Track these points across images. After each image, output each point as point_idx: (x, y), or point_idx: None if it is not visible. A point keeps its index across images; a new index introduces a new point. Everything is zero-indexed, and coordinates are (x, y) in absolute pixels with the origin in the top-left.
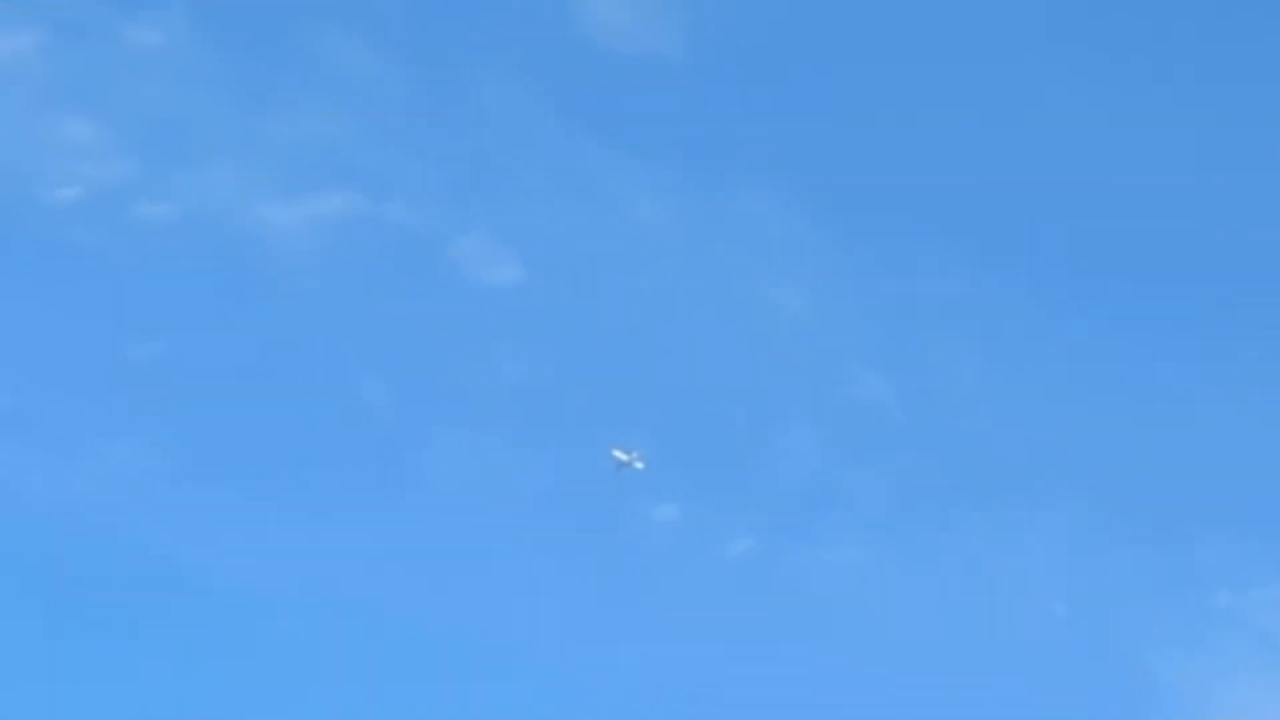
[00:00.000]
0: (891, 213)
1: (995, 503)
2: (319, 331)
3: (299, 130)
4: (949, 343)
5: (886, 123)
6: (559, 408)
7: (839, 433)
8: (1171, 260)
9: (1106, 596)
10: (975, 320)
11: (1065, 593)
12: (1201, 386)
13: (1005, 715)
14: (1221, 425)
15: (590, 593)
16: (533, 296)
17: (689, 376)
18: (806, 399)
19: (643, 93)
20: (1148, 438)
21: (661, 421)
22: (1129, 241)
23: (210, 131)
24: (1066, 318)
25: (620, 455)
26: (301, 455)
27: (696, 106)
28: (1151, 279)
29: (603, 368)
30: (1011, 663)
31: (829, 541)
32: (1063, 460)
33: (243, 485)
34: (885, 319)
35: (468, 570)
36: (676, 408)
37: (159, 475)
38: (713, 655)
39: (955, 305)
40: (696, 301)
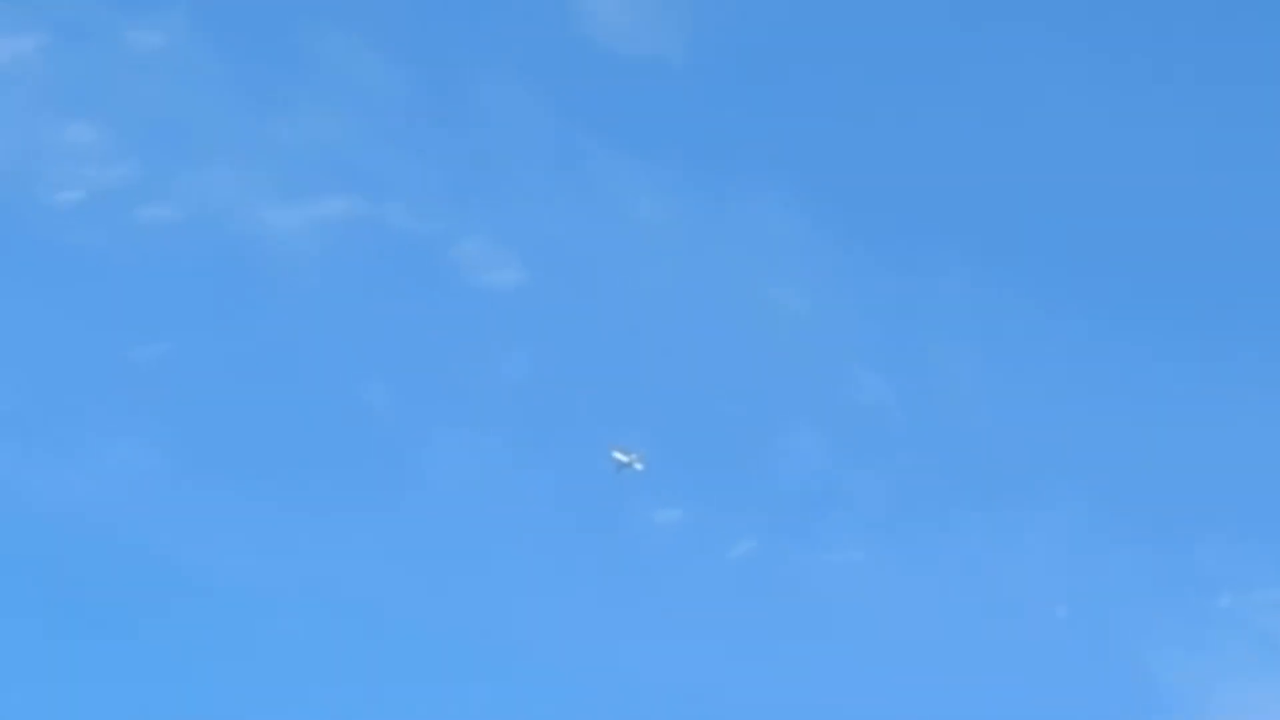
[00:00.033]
0: (892, 214)
1: (996, 504)
2: (320, 333)
3: (300, 132)
4: (950, 344)
5: (887, 124)
6: (560, 409)
7: (840, 434)
8: (1172, 261)
9: (1107, 598)
10: (976, 322)
11: (1066, 594)
12: (1202, 388)
13: (1006, 716)
14: (1222, 426)
15: (592, 594)
16: (534, 298)
17: (690, 378)
18: (808, 400)
19: (644, 94)
20: (1148, 439)
21: (663, 423)
22: (1130, 242)
23: (212, 134)
24: (1067, 319)
25: (620, 456)
26: (303, 456)
27: (697, 108)
28: (1152, 280)
29: (604, 369)
30: (1012, 664)
31: (831, 543)
32: (1064, 461)
33: (244, 486)
34: (886, 320)
35: (469, 572)
36: (678, 409)
37: (160, 476)
38: (715, 657)
39: (956, 306)
40: (698, 303)
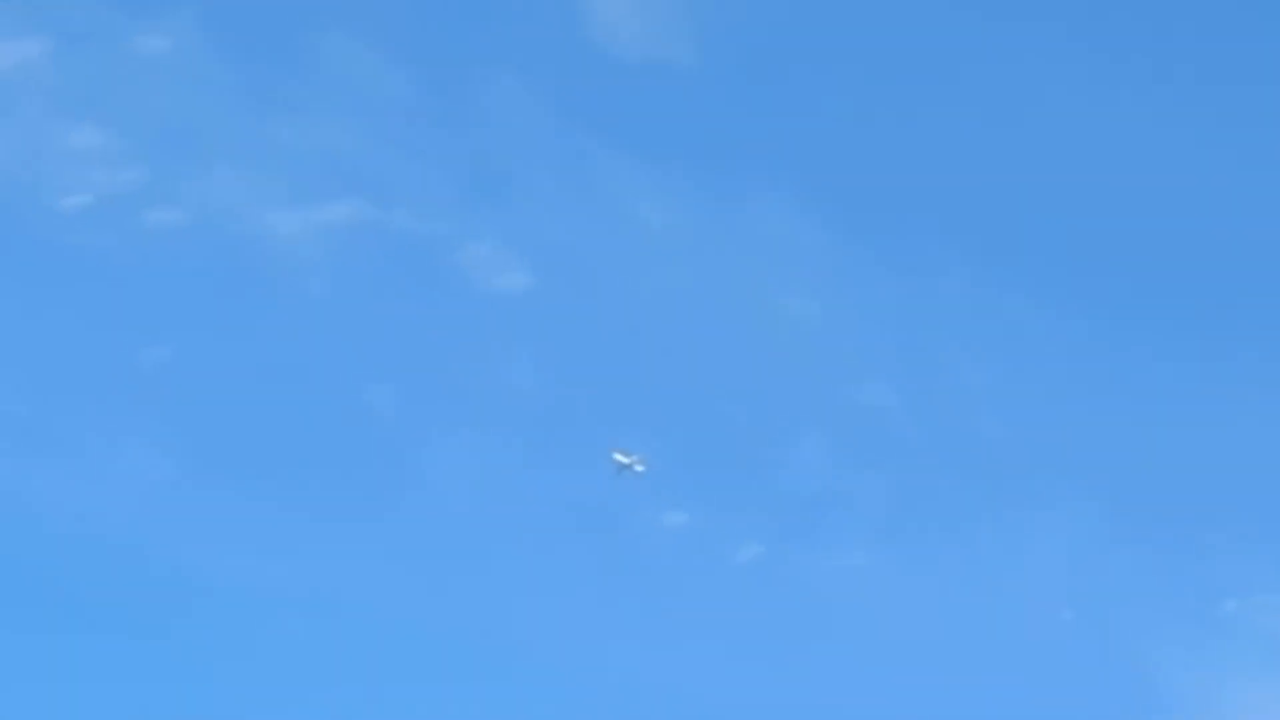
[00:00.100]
0: (900, 220)
1: (1002, 508)
2: (326, 337)
3: (307, 137)
4: (955, 350)
5: (895, 130)
6: (567, 414)
7: (846, 439)
8: (1178, 268)
9: (1112, 601)
10: (982, 327)
11: (1071, 598)
12: (1207, 393)
13: (1011, 719)
14: (1227, 431)
15: (598, 597)
16: (541, 303)
17: (696, 382)
18: (814, 405)
19: (651, 99)
20: (1153, 444)
21: (668, 427)
22: (1137, 251)
23: (218, 138)
24: (1073, 324)
25: (621, 458)
26: (308, 459)
27: (704, 113)
28: (1158, 284)
29: (610, 373)
30: (1018, 667)
31: (836, 547)
32: (1069, 466)
33: (249, 489)
34: (893, 325)
35: (475, 574)
36: (683, 413)
37: (166, 479)
38: (720, 660)
39: (962, 312)
40: (704, 308)
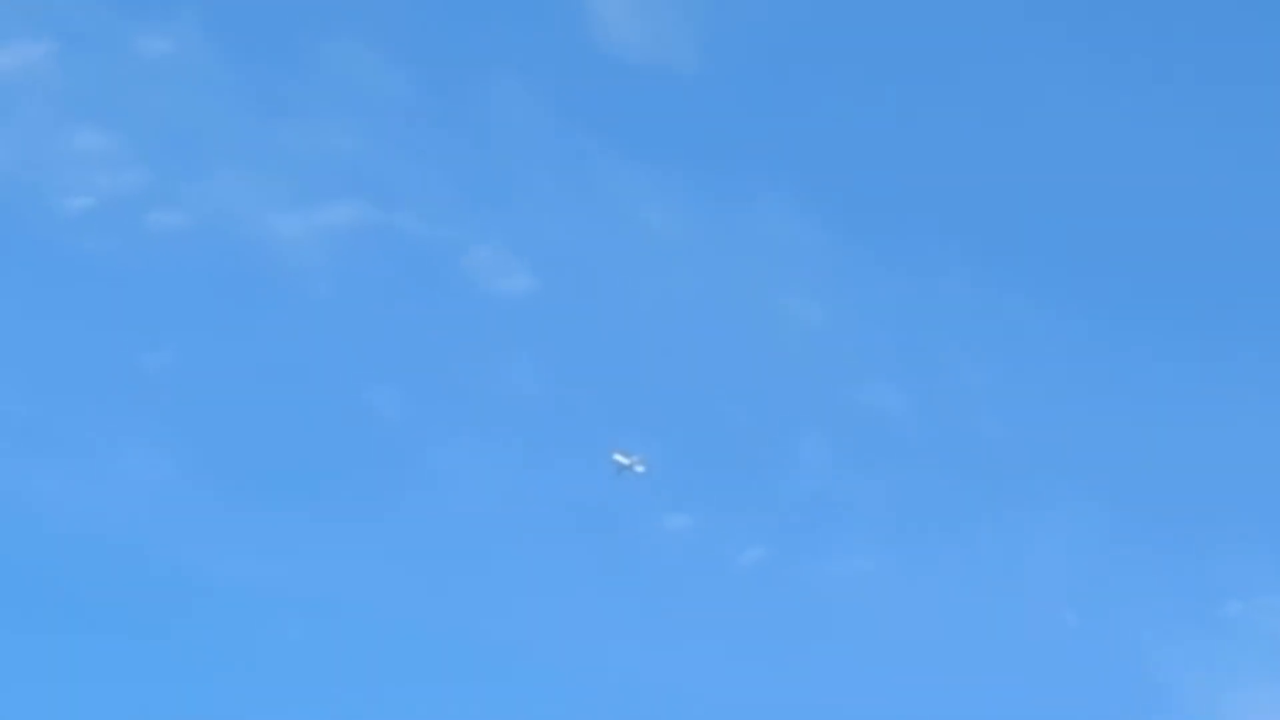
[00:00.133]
0: (901, 221)
1: (1005, 511)
2: (329, 339)
3: (310, 139)
4: (960, 353)
5: (896, 132)
6: (570, 416)
7: (850, 442)
8: (1178, 269)
9: (1116, 604)
10: (986, 330)
11: (1075, 600)
12: (1210, 396)
13: None
14: (1231, 434)
15: (601, 600)
16: (544, 305)
17: (699, 385)
18: (817, 408)
19: (655, 103)
20: (1157, 446)
21: (672, 430)
22: (1137, 251)
23: (221, 140)
24: (1077, 326)
25: (621, 459)
26: (311, 462)
27: (707, 116)
28: (1161, 288)
29: (614, 376)
30: (1021, 669)
31: (840, 550)
32: (1073, 468)
33: (252, 491)
34: (896, 328)
35: (478, 577)
36: (687, 416)
37: (169, 481)
38: (723, 663)
39: (966, 315)
40: (708, 311)
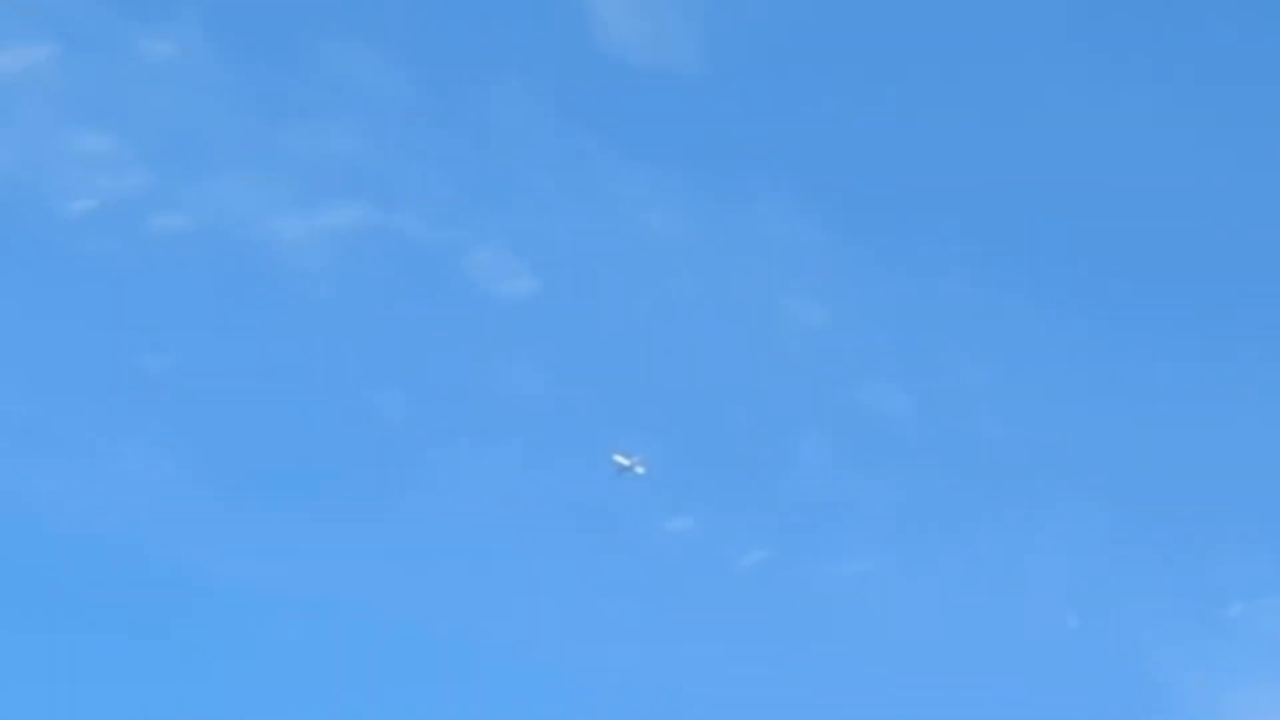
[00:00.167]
0: (904, 222)
1: (1008, 513)
2: (332, 342)
3: (313, 142)
4: (962, 353)
5: (898, 133)
6: (572, 418)
7: (852, 443)
8: (1180, 269)
9: (1118, 606)
10: (988, 330)
11: (1077, 602)
12: (1213, 398)
13: None
14: (1234, 436)
15: (603, 602)
16: (546, 307)
17: (702, 387)
18: (821, 410)
19: (657, 105)
20: (1160, 448)
21: (674, 432)
22: (1140, 252)
23: (224, 143)
24: (1080, 328)
25: (621, 460)
26: (313, 464)
27: (709, 117)
28: (1163, 289)
29: (616, 378)
30: (1023, 671)
31: (842, 552)
32: (1075, 470)
33: (255, 493)
34: (899, 330)
35: (480, 579)
36: (689, 418)
37: (172, 483)
38: (725, 665)
39: (968, 315)
40: (710, 312)
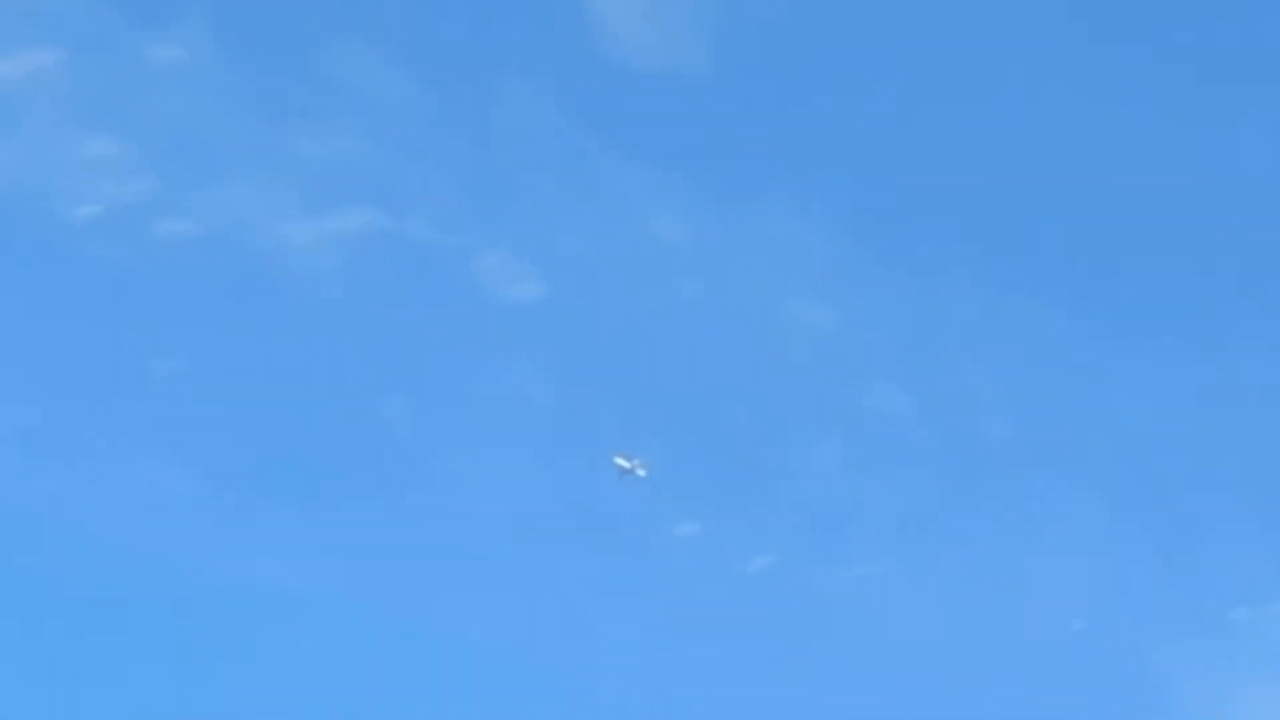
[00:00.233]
0: (911, 226)
1: (1014, 517)
2: (340, 346)
3: (320, 147)
4: (969, 356)
5: (905, 137)
6: (580, 422)
7: (860, 446)
8: (1190, 276)
9: (1124, 610)
10: (994, 335)
11: (1083, 606)
12: (1222, 406)
13: None
14: (1242, 442)
15: (610, 606)
16: (553, 311)
17: (709, 391)
18: (827, 412)
19: (663, 109)
20: (1168, 454)
21: (681, 436)
22: (1148, 259)
23: (231, 148)
24: (1086, 333)
25: (622, 462)
26: (322, 467)
27: (717, 122)
28: (1172, 296)
29: (623, 382)
30: (1029, 675)
31: (849, 556)
32: (1082, 475)
33: (263, 496)
34: (905, 332)
35: (487, 581)
36: (696, 422)
37: (180, 487)
38: (732, 669)
39: (975, 320)
40: (716, 315)
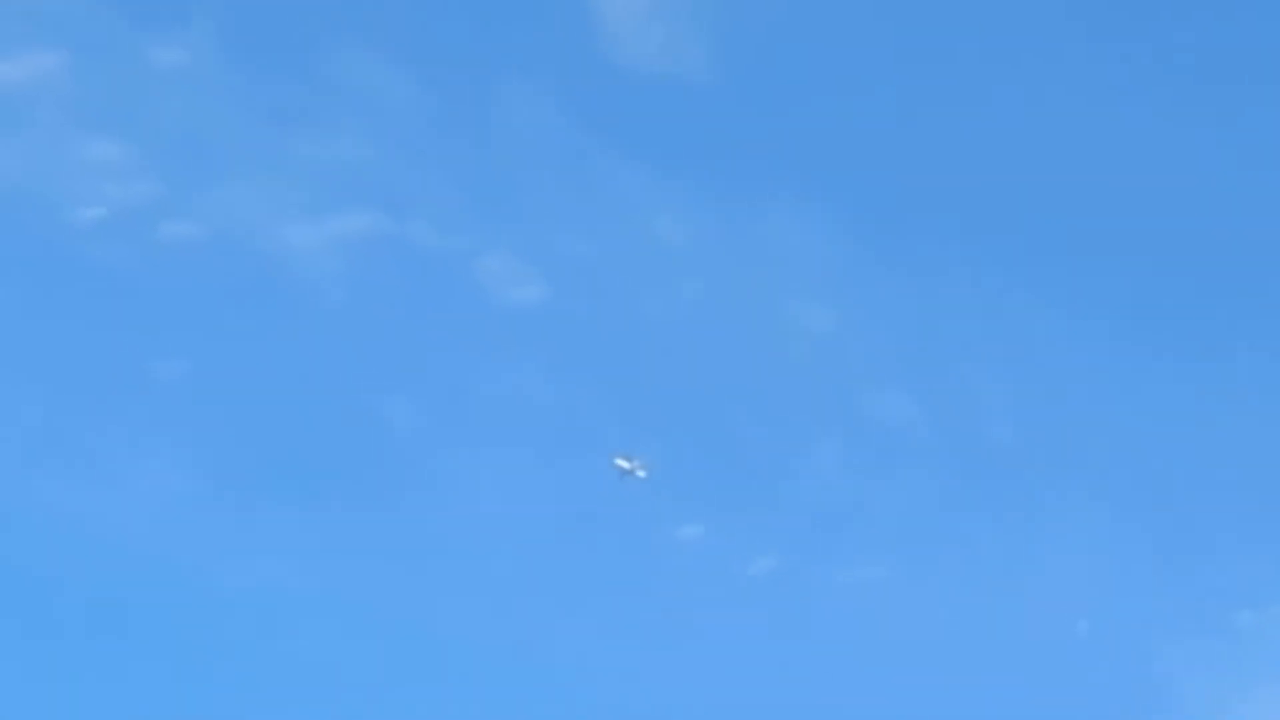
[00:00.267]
0: (914, 230)
1: (1017, 519)
2: (342, 349)
3: (323, 150)
4: (972, 359)
5: (909, 141)
6: (582, 425)
7: (862, 449)
8: (1195, 278)
9: (1128, 613)
10: (998, 337)
11: (1087, 609)
12: (1226, 408)
13: None
14: (1246, 444)
15: (612, 609)
16: (556, 314)
17: (711, 394)
18: (829, 416)
19: (666, 111)
20: (1172, 456)
21: (684, 439)
22: (1154, 261)
23: (234, 151)
24: (1091, 335)
25: (622, 463)
26: (324, 470)
27: (719, 125)
28: (1177, 297)
29: (626, 385)
30: (1033, 679)
31: (851, 559)
32: (1086, 477)
33: (266, 499)
34: (909, 335)
35: (491, 585)
36: (699, 425)
37: (184, 489)
38: (735, 672)
39: (978, 322)
40: (719, 319)
